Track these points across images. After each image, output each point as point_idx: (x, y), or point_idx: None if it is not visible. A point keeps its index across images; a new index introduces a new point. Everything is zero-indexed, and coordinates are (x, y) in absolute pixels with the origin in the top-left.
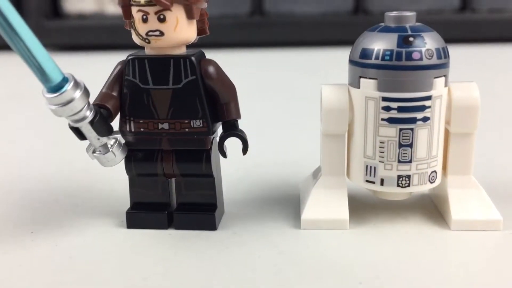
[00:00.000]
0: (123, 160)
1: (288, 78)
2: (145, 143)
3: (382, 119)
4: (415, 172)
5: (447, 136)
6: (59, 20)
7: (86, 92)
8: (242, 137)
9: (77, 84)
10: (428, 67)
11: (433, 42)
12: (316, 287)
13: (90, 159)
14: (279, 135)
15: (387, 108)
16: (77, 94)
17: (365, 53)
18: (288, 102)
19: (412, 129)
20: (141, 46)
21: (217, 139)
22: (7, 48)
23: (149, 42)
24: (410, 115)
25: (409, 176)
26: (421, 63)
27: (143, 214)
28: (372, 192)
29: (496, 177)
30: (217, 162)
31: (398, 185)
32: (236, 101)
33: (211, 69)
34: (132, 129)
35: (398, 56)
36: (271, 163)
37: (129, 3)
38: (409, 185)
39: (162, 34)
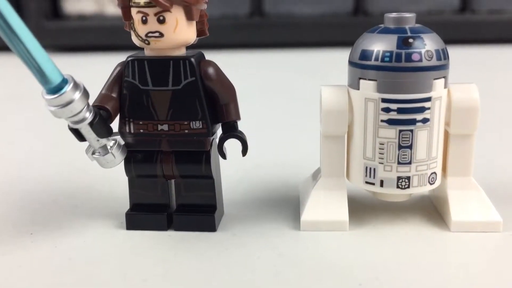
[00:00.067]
0: (123, 162)
1: (288, 79)
2: (144, 144)
3: (382, 121)
4: (415, 174)
5: (446, 137)
6: (59, 21)
7: (85, 94)
8: (242, 138)
9: (76, 86)
10: (427, 69)
11: (433, 44)
12: None
13: (90, 161)
14: (279, 136)
15: (387, 110)
16: (77, 95)
17: (365, 55)
18: (288, 103)
19: (411, 131)
20: (140, 47)
21: (217, 141)
22: (7, 49)
23: (148, 44)
24: (409, 116)
25: (408, 178)
26: (421, 64)
27: (143, 215)
28: (372, 193)
29: (496, 179)
30: (217, 164)
31: (397, 186)
32: (236, 102)
33: (210, 70)
34: (132, 131)
35: (398, 58)
36: (270, 165)
37: (129, 5)
38: (408, 187)
39: (161, 35)
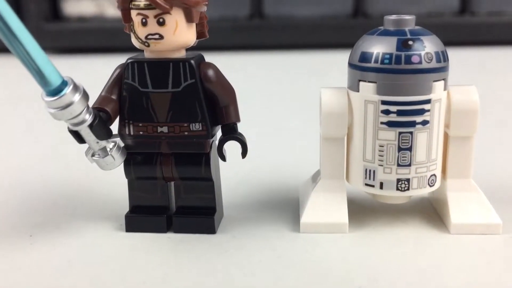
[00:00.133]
0: (122, 164)
1: (288, 81)
2: (144, 146)
3: (382, 123)
4: (415, 176)
5: (446, 139)
6: (59, 22)
7: (85, 96)
8: (242, 140)
9: (76, 88)
10: (427, 71)
11: (432, 46)
12: None
13: (89, 163)
14: (278, 138)
15: (387, 112)
16: (76, 97)
17: (365, 57)
18: (288, 105)
19: (411, 133)
20: (140, 49)
21: (216, 143)
22: (6, 51)
23: (148, 46)
24: (409, 118)
25: (408, 180)
26: (420, 66)
27: (142, 217)
28: (372, 195)
29: (495, 181)
30: (217, 166)
31: (397, 188)
32: (236, 104)
33: (210, 72)
34: (131, 133)
35: (397, 60)
36: (270, 167)
37: (129, 7)
38: (408, 189)
39: (161, 37)
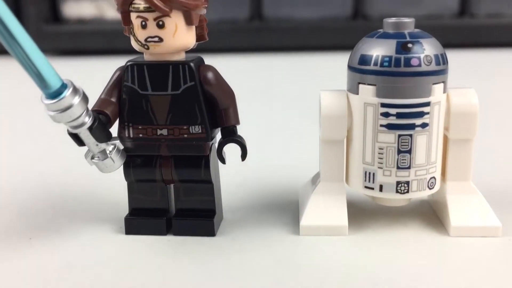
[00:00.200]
0: (122, 166)
1: (287, 83)
2: (143, 149)
3: (381, 125)
4: (414, 178)
5: (445, 142)
6: (58, 24)
7: (85, 98)
8: (241, 143)
9: (76, 90)
10: (426, 73)
11: (432, 48)
12: None
13: (89, 165)
14: (278, 140)
15: (386, 114)
16: (76, 100)
17: (364, 59)
18: (287, 108)
19: (411, 135)
20: (140, 51)
21: (216, 145)
22: (6, 53)
23: (148, 48)
24: (409, 121)
25: (408, 182)
26: (420, 69)
27: (142, 220)
28: (371, 198)
29: (495, 183)
30: (216, 168)
31: (397, 191)
32: (235, 107)
33: (210, 75)
34: (131, 135)
35: (397, 62)
36: (270, 169)
37: (128, 9)
38: (408, 191)
39: (161, 40)
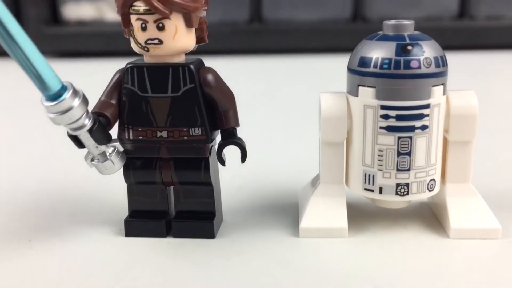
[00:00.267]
0: (122, 168)
1: (287, 85)
2: (143, 151)
3: (381, 127)
4: (414, 181)
5: (445, 144)
6: (58, 26)
7: (84, 101)
8: (241, 145)
9: (75, 93)
10: (426, 76)
11: (431, 51)
12: None
13: (89, 167)
14: (278, 142)
15: (386, 117)
16: (76, 102)
17: (364, 62)
18: (287, 110)
19: (410, 138)
20: (140, 54)
21: (216, 147)
22: (6, 55)
23: (148, 50)
24: (408, 123)
25: (407, 185)
26: (419, 71)
27: (142, 222)
28: (371, 200)
29: (494, 185)
30: (216, 170)
31: (396, 193)
32: (235, 109)
33: (209, 77)
34: (131, 137)
35: (397, 65)
36: (269, 171)
37: (128, 12)
38: (407, 194)
39: (161, 42)
